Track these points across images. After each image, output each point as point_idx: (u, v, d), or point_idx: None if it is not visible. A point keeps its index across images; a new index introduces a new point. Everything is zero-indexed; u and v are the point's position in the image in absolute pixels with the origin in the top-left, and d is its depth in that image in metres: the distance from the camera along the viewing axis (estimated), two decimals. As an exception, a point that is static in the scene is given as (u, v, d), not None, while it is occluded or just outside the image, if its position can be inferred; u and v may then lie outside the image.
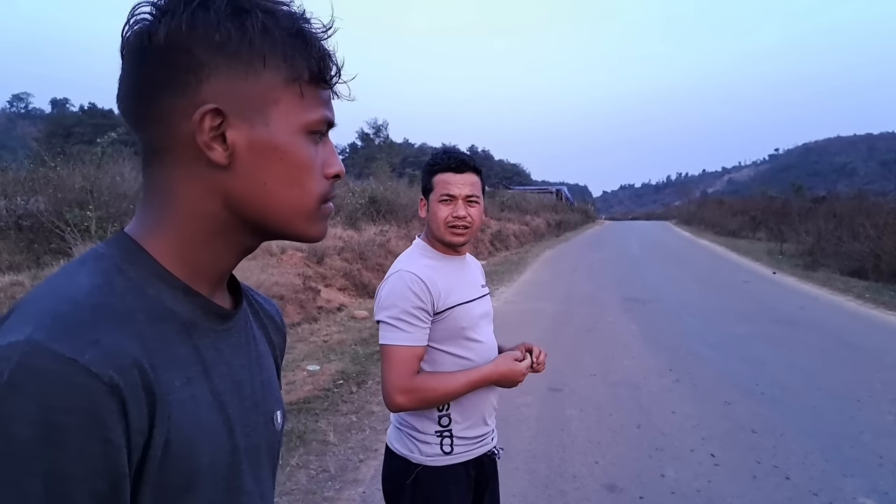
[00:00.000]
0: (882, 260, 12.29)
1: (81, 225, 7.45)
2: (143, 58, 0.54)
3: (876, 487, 3.16)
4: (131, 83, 0.55)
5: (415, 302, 1.45)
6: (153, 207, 0.58)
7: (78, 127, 47.77)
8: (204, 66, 0.53)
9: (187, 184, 0.56)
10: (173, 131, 0.54)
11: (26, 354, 0.44)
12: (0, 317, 0.49)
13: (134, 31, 0.54)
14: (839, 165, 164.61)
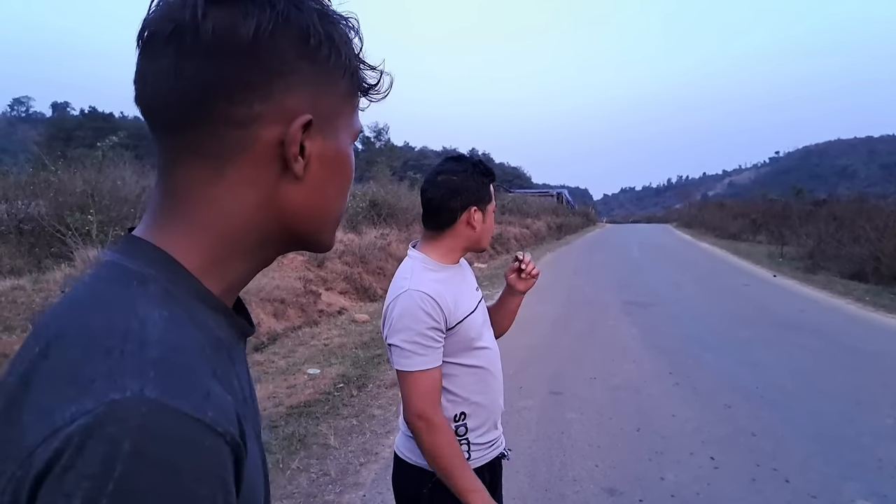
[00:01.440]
0: (882, 263, 12.29)
1: (82, 229, 7.46)
2: (216, 54, 0.47)
3: (875, 490, 3.17)
4: (190, 80, 0.47)
5: (429, 323, 1.40)
6: (187, 216, 0.51)
7: (79, 130, 47.93)
8: (294, 72, 0.50)
9: (243, 192, 0.51)
10: (246, 137, 0.49)
11: (147, 417, 0.37)
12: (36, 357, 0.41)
13: (206, 19, 0.46)
14: (840, 168, 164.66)
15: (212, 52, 0.46)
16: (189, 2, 0.46)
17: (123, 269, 0.47)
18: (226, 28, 0.46)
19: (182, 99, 0.47)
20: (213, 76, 0.47)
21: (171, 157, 0.51)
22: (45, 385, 0.39)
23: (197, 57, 0.47)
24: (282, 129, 0.50)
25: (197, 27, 0.46)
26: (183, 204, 0.50)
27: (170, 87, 0.47)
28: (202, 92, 0.47)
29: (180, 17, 0.46)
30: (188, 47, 0.46)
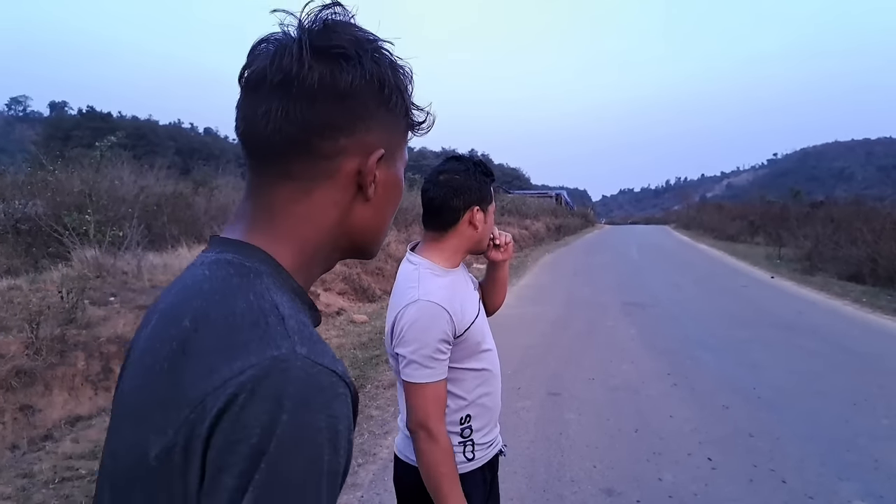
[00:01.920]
0: (879, 264, 12.31)
1: (80, 229, 7.45)
2: (317, 100, 0.57)
3: (871, 491, 3.17)
4: (293, 120, 0.57)
5: (440, 336, 1.40)
6: (281, 227, 0.61)
7: (76, 130, 47.81)
8: (373, 116, 0.61)
9: (326, 210, 0.61)
10: (332, 166, 0.60)
11: (302, 368, 0.49)
12: (186, 332, 0.52)
13: (311, 72, 0.56)
14: (837, 170, 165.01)
15: (314, 99, 0.57)
16: (296, 56, 0.56)
17: (242, 265, 0.57)
18: (326, 80, 0.57)
19: (285, 134, 0.58)
20: (313, 118, 0.58)
21: (266, 179, 0.61)
22: (202, 351, 0.50)
23: (302, 102, 0.57)
24: (361, 161, 0.61)
25: (304, 78, 0.56)
26: (277, 217, 0.61)
27: (276, 125, 0.57)
28: (302, 130, 0.58)
29: (289, 68, 0.56)
30: (295, 93, 0.57)
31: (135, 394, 0.55)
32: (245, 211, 0.63)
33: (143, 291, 6.52)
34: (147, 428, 0.50)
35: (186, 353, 0.51)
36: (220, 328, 0.51)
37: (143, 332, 0.60)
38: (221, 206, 12.50)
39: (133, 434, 0.52)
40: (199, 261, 0.62)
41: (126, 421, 0.55)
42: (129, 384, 0.57)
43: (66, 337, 4.95)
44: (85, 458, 3.86)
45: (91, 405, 4.82)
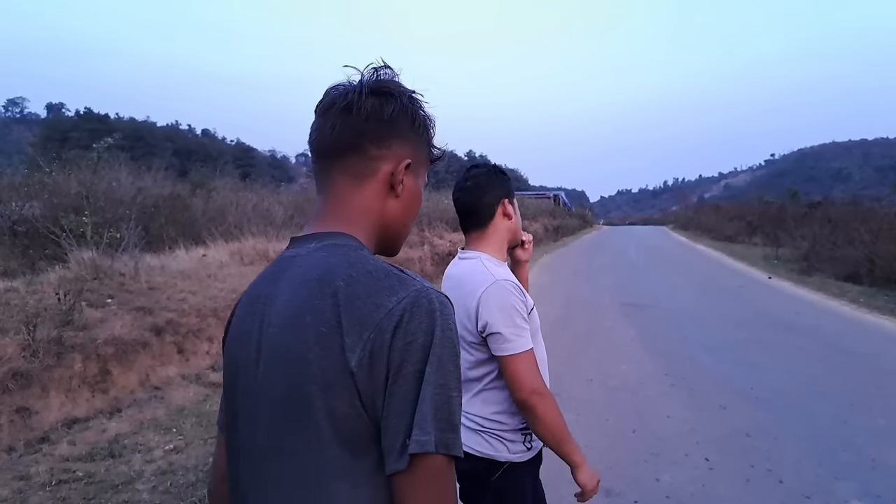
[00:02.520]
0: (876, 265, 12.34)
1: (77, 230, 7.43)
2: (368, 120, 0.83)
3: (868, 490, 3.18)
4: (351, 132, 0.84)
5: (522, 308, 1.51)
6: (349, 216, 0.86)
7: (74, 132, 47.69)
8: (406, 137, 0.87)
9: (376, 200, 0.87)
10: (378, 167, 0.86)
11: (436, 294, 0.75)
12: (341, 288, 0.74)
13: (366, 102, 0.83)
14: (834, 171, 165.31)
15: (367, 119, 0.83)
16: (357, 92, 0.83)
17: (347, 245, 0.81)
18: (376, 108, 0.83)
19: (345, 140, 0.84)
20: (366, 130, 0.84)
21: (331, 174, 0.87)
22: (361, 296, 0.73)
23: (358, 121, 0.83)
24: (394, 165, 0.86)
25: (361, 105, 0.83)
26: (344, 209, 0.86)
27: (339, 133, 0.84)
28: (357, 137, 0.84)
29: (351, 99, 0.83)
30: (354, 114, 0.83)
31: (301, 338, 0.74)
32: (321, 211, 0.87)
33: (140, 293, 6.50)
34: (336, 352, 0.71)
35: (350, 300, 0.72)
36: (366, 281, 0.74)
37: (274, 307, 0.80)
38: (219, 207, 12.47)
39: (318, 360, 0.72)
40: (302, 251, 0.83)
41: (289, 352, 0.75)
42: (287, 336, 0.76)
43: (63, 339, 4.93)
44: (82, 460, 3.85)
45: (88, 407, 4.81)
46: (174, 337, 5.99)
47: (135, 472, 3.61)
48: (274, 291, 0.81)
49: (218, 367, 6.02)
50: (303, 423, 0.73)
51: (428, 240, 16.53)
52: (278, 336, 0.77)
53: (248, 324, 0.83)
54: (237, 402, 0.83)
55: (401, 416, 0.69)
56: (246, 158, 73.74)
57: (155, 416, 4.71)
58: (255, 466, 0.79)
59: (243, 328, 0.84)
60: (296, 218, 13.64)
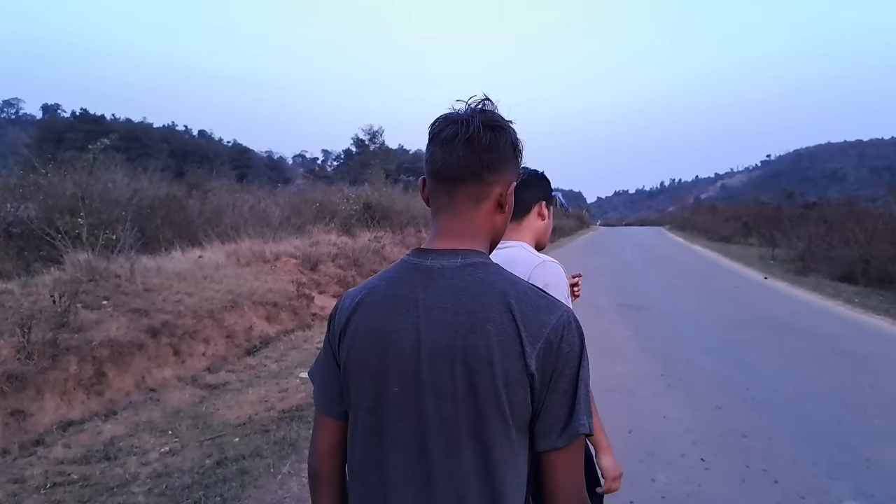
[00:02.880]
0: (871, 265, 12.40)
1: (72, 232, 7.41)
2: (487, 151, 0.97)
3: (863, 490, 3.19)
4: (474, 161, 0.97)
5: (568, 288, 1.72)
6: (476, 231, 1.02)
7: (70, 133, 47.47)
8: (510, 163, 1.02)
9: (489, 218, 1.02)
10: (492, 190, 1.00)
11: (573, 313, 0.96)
12: (513, 303, 0.92)
13: (485, 135, 0.97)
14: (830, 171, 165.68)
15: (485, 150, 0.97)
16: (475, 126, 0.96)
17: (488, 262, 0.99)
18: (492, 142, 0.97)
19: (469, 168, 0.98)
20: (484, 160, 0.98)
21: (455, 195, 1.00)
22: (530, 312, 0.91)
23: (478, 153, 0.97)
24: (504, 188, 1.01)
25: (480, 140, 0.96)
26: (467, 224, 1.01)
27: (464, 164, 0.97)
28: (478, 166, 0.98)
29: (473, 134, 0.96)
30: (475, 147, 0.96)
31: (484, 343, 0.89)
32: (449, 228, 1.01)
33: (136, 295, 6.49)
34: (516, 357, 0.89)
35: (524, 315, 0.91)
36: (528, 300, 0.93)
37: (433, 311, 0.93)
38: (215, 208, 12.46)
39: (478, 359, 0.89)
40: (451, 266, 0.96)
41: (453, 354, 0.90)
42: (464, 340, 0.90)
43: (58, 341, 4.92)
44: (77, 462, 3.84)
45: (83, 409, 4.79)
46: (170, 339, 5.97)
47: (130, 475, 3.60)
48: (427, 296, 0.95)
49: (214, 369, 6.01)
50: (485, 411, 0.90)
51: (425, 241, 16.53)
52: (450, 338, 0.92)
53: (398, 322, 0.95)
54: (387, 391, 0.95)
55: (561, 406, 0.92)
56: (243, 159, 73.59)
57: (150, 418, 4.70)
58: (416, 444, 0.93)
59: (389, 324, 0.95)
60: (292, 219, 13.64)
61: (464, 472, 0.91)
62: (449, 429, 0.92)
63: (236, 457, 3.74)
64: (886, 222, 14.21)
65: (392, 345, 0.94)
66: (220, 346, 6.59)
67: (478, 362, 0.90)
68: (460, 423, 0.91)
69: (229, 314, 7.07)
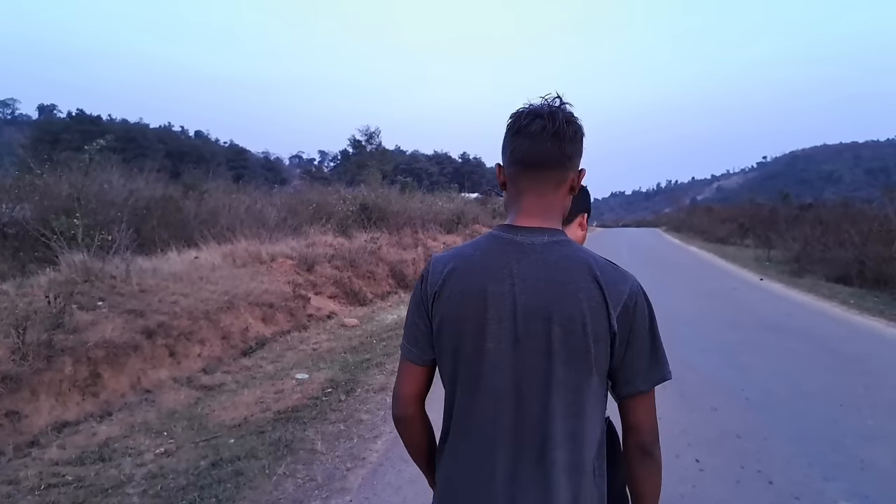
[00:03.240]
0: (866, 266, 12.43)
1: (68, 233, 7.39)
2: (571, 141, 1.16)
3: (857, 491, 3.20)
4: (560, 148, 1.14)
5: None
6: (554, 210, 1.20)
7: (66, 133, 47.39)
8: (580, 151, 1.19)
9: (563, 198, 1.22)
10: (567, 175, 1.18)
11: (639, 282, 1.16)
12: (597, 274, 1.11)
13: (569, 128, 1.15)
14: (825, 173, 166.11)
15: (569, 141, 1.15)
16: (561, 120, 1.13)
17: (570, 241, 1.17)
18: (571, 134, 1.15)
19: (556, 156, 1.15)
20: (568, 149, 1.15)
21: (540, 181, 1.18)
22: (609, 282, 1.10)
23: (563, 143, 1.14)
24: (576, 174, 1.20)
25: (565, 132, 1.14)
26: (551, 210, 1.20)
27: (552, 152, 1.14)
28: (562, 154, 1.15)
29: (559, 127, 1.13)
30: (561, 138, 1.14)
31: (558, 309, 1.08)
32: (534, 207, 1.18)
33: (131, 296, 6.47)
34: (603, 319, 1.09)
35: (607, 284, 1.10)
36: (608, 272, 1.12)
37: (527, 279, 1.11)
38: (211, 209, 12.44)
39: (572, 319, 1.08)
40: (539, 242, 1.14)
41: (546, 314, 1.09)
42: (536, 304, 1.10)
43: (53, 342, 4.91)
44: (71, 464, 3.83)
45: (78, 410, 4.78)
46: (165, 339, 5.96)
47: (125, 476, 3.59)
48: (521, 267, 1.12)
49: (210, 370, 6.00)
50: (575, 363, 1.09)
51: (422, 241, 16.52)
52: (544, 303, 1.10)
53: (494, 287, 1.12)
54: (484, 345, 1.12)
55: (640, 358, 1.14)
56: (239, 160, 73.54)
57: (146, 419, 4.69)
58: (510, 399, 1.12)
59: (487, 288, 1.13)
60: (289, 220, 13.62)
61: (550, 415, 1.10)
62: (540, 378, 1.10)
63: (231, 458, 3.74)
64: (881, 224, 14.24)
65: (490, 306, 1.12)
66: (215, 347, 6.58)
67: (572, 323, 1.08)
68: (551, 373, 1.09)
69: (225, 315, 7.06)
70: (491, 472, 1.13)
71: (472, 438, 1.15)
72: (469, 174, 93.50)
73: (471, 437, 1.16)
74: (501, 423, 1.12)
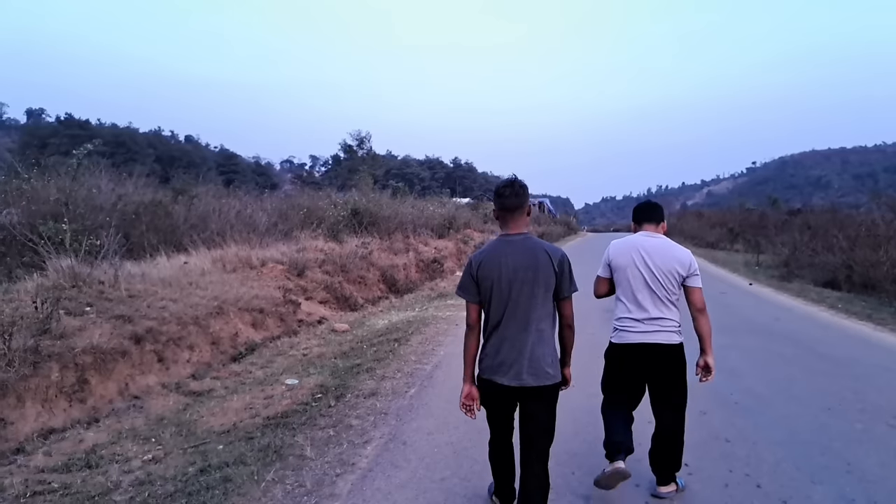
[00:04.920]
0: (854, 271, 12.56)
1: (56, 238, 7.33)
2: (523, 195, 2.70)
3: (843, 494, 3.22)
4: (522, 200, 2.69)
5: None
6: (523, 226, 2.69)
7: (54, 138, 47.06)
8: (528, 198, 2.75)
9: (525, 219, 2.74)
10: (525, 210, 2.70)
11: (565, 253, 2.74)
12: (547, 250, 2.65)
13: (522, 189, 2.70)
14: (814, 178, 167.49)
15: (522, 195, 2.70)
16: (519, 185, 2.71)
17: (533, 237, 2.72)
18: (522, 191, 2.72)
19: (517, 204, 2.67)
20: (523, 199, 2.70)
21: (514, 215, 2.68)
22: (552, 253, 2.65)
23: (519, 196, 2.68)
24: (528, 208, 2.72)
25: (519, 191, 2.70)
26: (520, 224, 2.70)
27: (517, 202, 2.67)
28: (522, 203, 2.70)
29: (515, 190, 2.68)
30: (518, 195, 2.68)
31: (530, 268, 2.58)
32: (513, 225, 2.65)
33: (120, 301, 6.43)
34: (545, 266, 2.59)
35: (550, 253, 2.62)
36: (550, 248, 2.67)
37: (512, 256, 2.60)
38: (201, 214, 12.36)
39: (537, 272, 2.58)
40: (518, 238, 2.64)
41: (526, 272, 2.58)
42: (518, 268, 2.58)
43: (39, 348, 4.86)
44: (57, 471, 3.80)
45: (65, 417, 4.74)
46: (154, 345, 5.92)
47: (112, 483, 3.56)
48: (507, 251, 2.61)
49: (199, 376, 5.97)
50: (541, 287, 2.58)
51: (413, 247, 16.49)
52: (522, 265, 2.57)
53: (500, 259, 2.59)
54: (501, 286, 2.58)
55: (564, 283, 2.62)
56: (229, 165, 73.25)
57: (133, 425, 4.65)
58: (518, 312, 2.59)
59: (495, 263, 2.60)
60: (279, 225, 13.57)
61: (536, 311, 2.59)
62: (529, 296, 2.57)
63: (220, 464, 3.71)
64: (869, 229, 14.40)
65: (500, 268, 2.58)
66: (205, 352, 6.54)
67: (538, 270, 2.57)
68: (531, 292, 2.57)
69: (214, 320, 7.03)
70: (510, 334, 2.61)
71: (500, 327, 2.64)
72: (461, 179, 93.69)
73: (499, 327, 2.64)
74: (511, 315, 2.60)
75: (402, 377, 5.70)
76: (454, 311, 9.81)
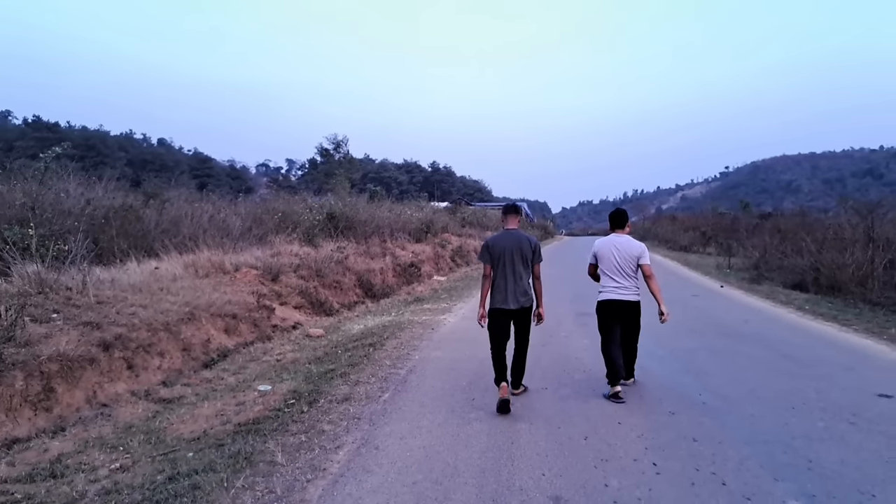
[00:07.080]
0: (821, 273, 12.87)
1: (21, 243, 7.17)
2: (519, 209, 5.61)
3: (804, 490, 3.31)
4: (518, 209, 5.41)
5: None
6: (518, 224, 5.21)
7: (21, 140, 46.01)
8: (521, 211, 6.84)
9: (519, 222, 5.28)
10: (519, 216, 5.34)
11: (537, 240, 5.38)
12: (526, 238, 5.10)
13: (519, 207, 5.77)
14: (785, 183, 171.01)
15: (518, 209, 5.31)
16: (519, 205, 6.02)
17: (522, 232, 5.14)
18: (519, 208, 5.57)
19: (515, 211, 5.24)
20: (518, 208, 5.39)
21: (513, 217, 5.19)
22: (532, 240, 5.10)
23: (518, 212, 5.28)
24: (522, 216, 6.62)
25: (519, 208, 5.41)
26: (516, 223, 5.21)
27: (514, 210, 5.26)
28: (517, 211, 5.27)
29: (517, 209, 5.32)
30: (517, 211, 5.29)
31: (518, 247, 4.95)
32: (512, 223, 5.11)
33: (88, 307, 6.31)
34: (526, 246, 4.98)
35: (529, 240, 5.06)
36: (530, 237, 5.12)
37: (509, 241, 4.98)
38: (173, 218, 12.20)
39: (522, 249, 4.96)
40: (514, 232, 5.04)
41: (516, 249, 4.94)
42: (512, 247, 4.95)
43: (3, 356, 4.75)
44: (21, 481, 3.72)
45: (30, 426, 4.64)
46: (123, 352, 5.83)
47: (77, 493, 3.50)
48: (507, 237, 5.01)
49: (170, 383, 5.89)
50: (524, 257, 4.97)
51: (390, 251, 16.46)
52: (514, 245, 4.95)
53: (501, 243, 4.98)
54: (504, 259, 4.93)
55: (536, 256, 5.05)
56: (203, 168, 72.28)
57: (101, 433, 4.57)
58: (511, 270, 4.94)
59: (500, 243, 4.99)
60: (254, 230, 13.45)
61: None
62: (520, 265, 4.96)
63: (189, 472, 3.67)
64: (836, 232, 14.77)
65: (503, 249, 4.96)
66: (175, 359, 6.45)
67: (522, 248, 4.96)
68: (520, 260, 4.96)
69: (186, 327, 6.94)
70: (507, 283, 4.93)
71: (501, 278, 4.94)
72: (439, 183, 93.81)
73: (501, 278, 4.95)
74: (508, 274, 4.93)
75: (377, 382, 5.70)
76: (430, 315, 9.82)
